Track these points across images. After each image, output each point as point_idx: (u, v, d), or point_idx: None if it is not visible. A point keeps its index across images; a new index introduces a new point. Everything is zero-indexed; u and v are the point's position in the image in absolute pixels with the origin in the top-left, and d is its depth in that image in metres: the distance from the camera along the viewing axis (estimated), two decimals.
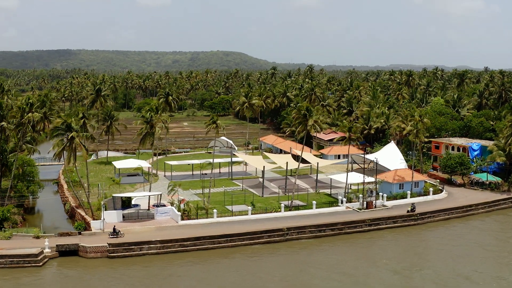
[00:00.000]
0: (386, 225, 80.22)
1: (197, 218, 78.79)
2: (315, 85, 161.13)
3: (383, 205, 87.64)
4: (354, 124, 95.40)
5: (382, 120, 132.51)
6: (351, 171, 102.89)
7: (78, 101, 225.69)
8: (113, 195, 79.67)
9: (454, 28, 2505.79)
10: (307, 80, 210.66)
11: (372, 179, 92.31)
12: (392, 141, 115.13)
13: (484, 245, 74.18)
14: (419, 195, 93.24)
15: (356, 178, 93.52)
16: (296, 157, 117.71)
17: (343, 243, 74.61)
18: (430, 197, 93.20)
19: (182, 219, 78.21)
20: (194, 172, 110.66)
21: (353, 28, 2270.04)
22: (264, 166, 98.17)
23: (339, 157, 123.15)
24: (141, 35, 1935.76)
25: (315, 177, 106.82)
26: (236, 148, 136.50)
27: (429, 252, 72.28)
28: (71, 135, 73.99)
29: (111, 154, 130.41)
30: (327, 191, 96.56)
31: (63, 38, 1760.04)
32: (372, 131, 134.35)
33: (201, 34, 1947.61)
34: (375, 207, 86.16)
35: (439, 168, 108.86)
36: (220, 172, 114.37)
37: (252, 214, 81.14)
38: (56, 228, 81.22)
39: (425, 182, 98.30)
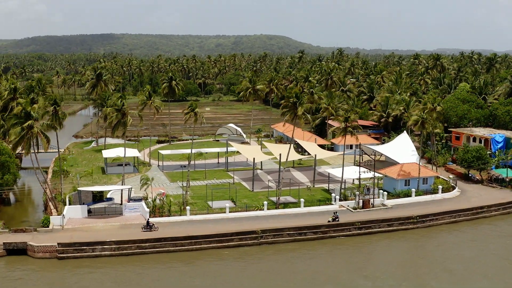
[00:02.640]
0: (380, 229, 69.93)
1: (169, 215, 71.79)
2: (331, 69, 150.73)
3: (383, 204, 78.16)
4: (351, 113, 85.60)
5: (401, 108, 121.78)
6: (356, 164, 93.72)
7: None
8: (78, 188, 73.44)
9: (503, 12, 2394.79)
10: (333, 64, 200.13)
11: (373, 174, 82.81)
12: (405, 131, 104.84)
13: (483, 262, 61.67)
14: (426, 193, 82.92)
15: (355, 172, 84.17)
16: (298, 147, 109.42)
17: (320, 250, 64.64)
18: (439, 195, 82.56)
19: (154, 215, 71.45)
20: (192, 162, 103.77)
21: (400, 11, 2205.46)
22: (254, 158, 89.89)
23: (351, 147, 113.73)
24: (185, 19, 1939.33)
25: (320, 170, 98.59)
26: (245, 135, 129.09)
27: (414, 266, 60.80)
28: (28, 123, 68.08)
29: (112, 141, 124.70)
30: (327, 186, 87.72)
31: (107, 23, 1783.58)
32: (390, 119, 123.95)
33: (245, 18, 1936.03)
34: (373, 206, 76.75)
35: (457, 161, 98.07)
36: (218, 163, 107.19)
37: (230, 212, 73.34)
38: (24, 221, 76.24)
39: (437, 178, 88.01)
